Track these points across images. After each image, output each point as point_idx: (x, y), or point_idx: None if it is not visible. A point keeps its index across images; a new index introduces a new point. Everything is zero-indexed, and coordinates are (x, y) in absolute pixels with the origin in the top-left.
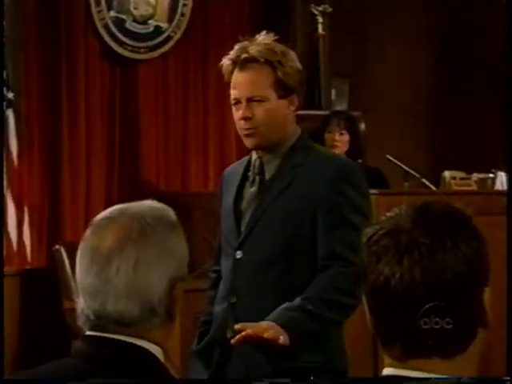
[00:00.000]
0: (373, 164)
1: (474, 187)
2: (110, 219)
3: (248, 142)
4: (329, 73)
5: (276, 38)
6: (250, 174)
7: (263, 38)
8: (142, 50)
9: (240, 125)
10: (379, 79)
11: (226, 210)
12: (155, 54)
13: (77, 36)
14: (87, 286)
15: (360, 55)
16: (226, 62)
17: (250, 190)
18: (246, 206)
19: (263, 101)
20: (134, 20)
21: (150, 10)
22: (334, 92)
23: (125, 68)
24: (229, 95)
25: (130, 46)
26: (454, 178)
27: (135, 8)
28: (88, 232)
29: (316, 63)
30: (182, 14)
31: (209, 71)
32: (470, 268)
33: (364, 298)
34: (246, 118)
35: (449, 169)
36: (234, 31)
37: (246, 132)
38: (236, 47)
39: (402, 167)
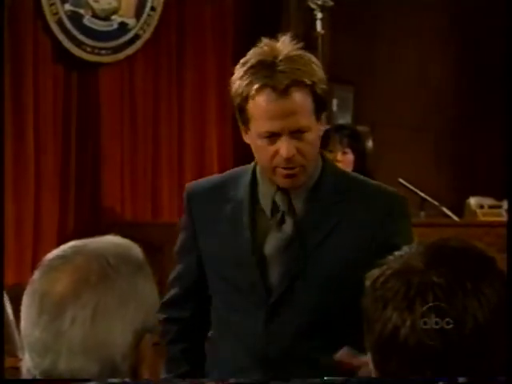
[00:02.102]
0: None
1: (506, 217)
2: (63, 258)
3: (287, 183)
4: (329, 79)
5: (300, 44)
6: (262, 206)
7: (288, 45)
8: (104, 52)
9: (276, 162)
10: (389, 87)
11: (232, 255)
12: (120, 55)
13: (23, 34)
14: (35, 340)
15: (366, 58)
16: (242, 83)
17: (277, 233)
18: (273, 254)
19: (307, 131)
20: (94, 15)
21: (114, 4)
22: (335, 102)
23: (83, 72)
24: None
25: (89, 46)
26: (482, 207)
27: (95, 1)
28: (36, 274)
29: None
30: (153, 9)
31: (185, 77)
32: (495, 316)
33: (369, 353)
34: (290, 157)
35: (475, 195)
36: (215, 29)
37: (287, 172)
38: (253, 60)
39: (417, 193)
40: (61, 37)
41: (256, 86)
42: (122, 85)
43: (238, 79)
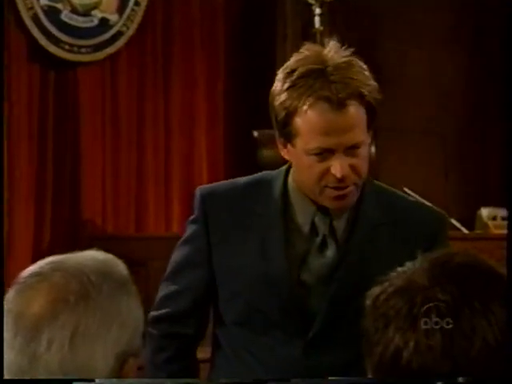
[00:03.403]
0: None
1: None
2: (39, 276)
3: (338, 205)
4: None
5: (350, 51)
6: (297, 226)
7: (335, 50)
8: (84, 50)
9: (327, 181)
10: (393, 88)
11: (260, 279)
12: (101, 54)
13: None
14: (9, 362)
15: (369, 59)
16: (305, 96)
17: (320, 259)
18: (315, 280)
19: (361, 146)
20: (73, 10)
21: None
22: None
23: (60, 73)
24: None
25: (67, 43)
26: (494, 218)
27: None
28: (11, 293)
29: None
30: (137, 4)
31: (172, 77)
32: (504, 337)
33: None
34: (345, 176)
35: (486, 205)
36: (204, 25)
37: (338, 193)
38: (301, 69)
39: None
40: (36, 34)
41: (310, 99)
42: (104, 86)
43: (285, 91)
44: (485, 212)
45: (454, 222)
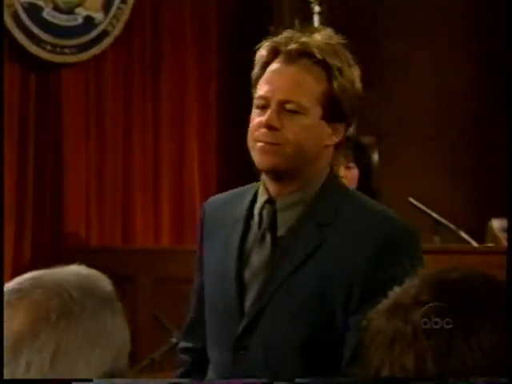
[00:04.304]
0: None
1: None
2: (19, 292)
3: (262, 160)
4: None
5: (344, 41)
6: (253, 222)
7: (324, 33)
8: (67, 50)
9: (257, 134)
10: (398, 93)
11: (219, 272)
12: (85, 55)
13: None
14: None
15: (371, 60)
16: (264, 48)
17: (259, 253)
18: (251, 276)
19: (300, 112)
20: (56, 8)
21: None
22: None
23: (42, 74)
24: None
25: (49, 43)
26: (506, 230)
27: None
28: None
29: None
30: (123, 1)
31: (161, 79)
32: (487, 362)
33: None
34: (270, 127)
35: (497, 216)
36: (195, 23)
37: (262, 146)
38: (283, 34)
39: (430, 215)
40: (16, 33)
41: (266, 50)
42: (88, 89)
43: (264, 45)
44: (496, 223)
45: (462, 234)
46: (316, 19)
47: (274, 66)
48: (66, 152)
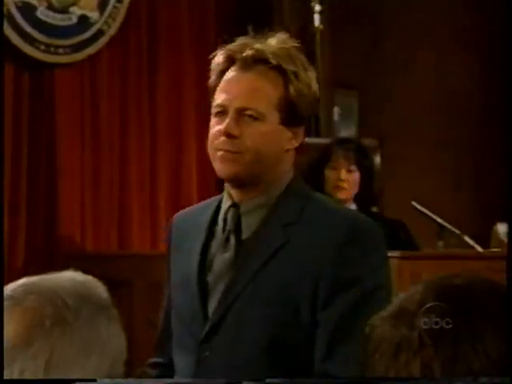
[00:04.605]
0: (392, 214)
1: None
2: (12, 299)
3: (222, 169)
4: (330, 84)
5: (297, 44)
6: (217, 228)
7: (278, 38)
8: (62, 50)
9: (217, 143)
10: (401, 93)
11: (183, 280)
12: (80, 55)
13: None
14: None
15: (374, 59)
16: (219, 56)
17: (222, 255)
18: (215, 279)
19: (258, 119)
20: (50, 7)
21: None
22: (337, 111)
23: (36, 75)
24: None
25: (43, 43)
26: None
27: None
28: None
29: None
30: (119, 0)
31: (158, 80)
32: (493, 368)
33: None
34: (229, 135)
35: (503, 220)
36: (193, 22)
37: (222, 154)
38: (237, 41)
39: (434, 219)
40: (9, 32)
41: (222, 57)
42: (83, 89)
43: (219, 53)
44: (501, 228)
45: (466, 239)
46: (316, 18)
47: (231, 73)
48: (61, 153)
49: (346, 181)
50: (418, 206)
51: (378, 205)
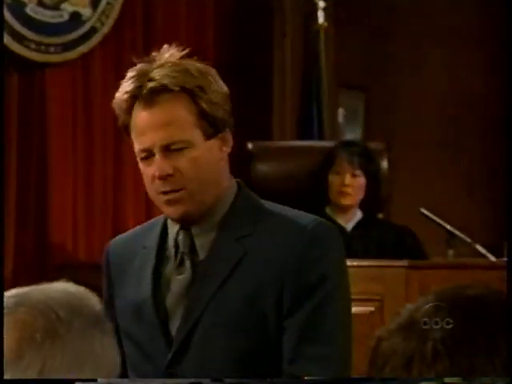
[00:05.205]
0: (400, 221)
1: None
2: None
3: (172, 212)
4: (334, 84)
5: (184, 52)
6: (167, 252)
7: (168, 55)
8: (53, 49)
9: (155, 187)
10: (409, 94)
11: (134, 307)
12: (72, 54)
13: None
14: None
15: (381, 58)
16: (119, 97)
17: (178, 278)
18: (173, 301)
19: (186, 147)
20: (40, 3)
21: None
22: (342, 113)
23: (25, 74)
24: None
25: (33, 41)
26: None
27: None
28: None
29: (315, 70)
30: None
31: None
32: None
33: None
34: (165, 177)
35: None
36: (191, 20)
37: (167, 197)
38: (131, 73)
39: (443, 227)
40: None
41: (124, 97)
42: (75, 90)
43: (119, 94)
44: None
45: (478, 247)
46: (320, 15)
47: (139, 113)
48: (52, 158)
49: (351, 186)
50: (427, 213)
51: (385, 211)
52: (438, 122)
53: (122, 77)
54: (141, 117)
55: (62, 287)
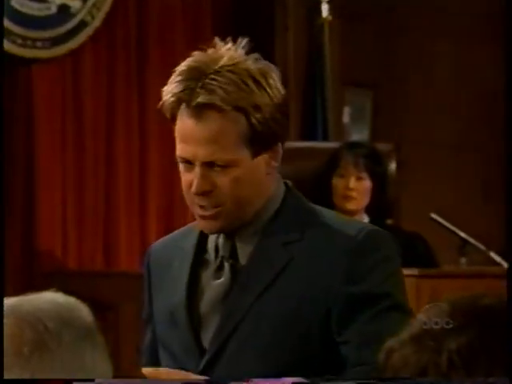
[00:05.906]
0: (410, 227)
1: None
2: None
3: (206, 227)
4: (340, 82)
5: (242, 47)
6: (208, 256)
7: (225, 52)
8: (40, 44)
9: (191, 197)
10: (419, 93)
11: (169, 313)
12: (61, 49)
13: None
14: None
15: (389, 55)
16: (166, 95)
17: (215, 283)
18: (208, 308)
19: (229, 166)
20: None
21: None
22: (347, 112)
23: (11, 71)
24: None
25: (19, 36)
26: None
27: None
28: None
29: (319, 66)
30: None
31: (148, 77)
32: None
33: None
34: (202, 193)
35: None
36: (187, 14)
37: (202, 213)
38: (182, 68)
39: (456, 233)
40: None
41: (172, 99)
42: (64, 88)
43: (167, 93)
44: None
45: (493, 255)
46: (324, 8)
47: (185, 118)
48: (40, 161)
49: (356, 190)
50: (438, 219)
51: (394, 217)
52: (451, 122)
53: (115, 74)
54: (186, 124)
55: (50, 297)
